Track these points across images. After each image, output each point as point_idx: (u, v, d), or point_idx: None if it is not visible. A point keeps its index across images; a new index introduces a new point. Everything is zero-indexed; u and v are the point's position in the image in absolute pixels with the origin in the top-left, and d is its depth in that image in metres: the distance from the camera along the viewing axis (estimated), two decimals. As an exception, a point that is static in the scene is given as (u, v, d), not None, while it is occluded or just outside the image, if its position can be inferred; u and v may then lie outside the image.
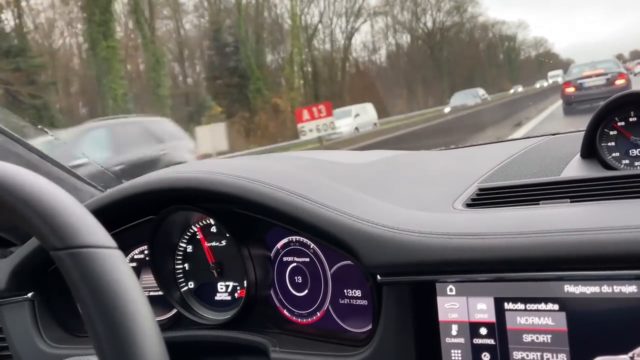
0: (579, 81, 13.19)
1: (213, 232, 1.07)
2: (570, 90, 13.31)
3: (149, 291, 1.14)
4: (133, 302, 0.51)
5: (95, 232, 0.53)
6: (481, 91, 29.32)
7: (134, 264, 1.15)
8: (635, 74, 30.48)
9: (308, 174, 1.02)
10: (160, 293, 1.08)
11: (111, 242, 0.54)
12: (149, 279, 1.13)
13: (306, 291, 0.99)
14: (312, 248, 0.98)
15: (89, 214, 0.55)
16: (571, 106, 13.00)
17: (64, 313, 1.16)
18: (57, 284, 1.15)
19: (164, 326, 1.10)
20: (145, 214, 1.08)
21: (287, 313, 1.02)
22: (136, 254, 1.15)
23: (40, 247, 1.10)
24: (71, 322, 1.16)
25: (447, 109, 24.25)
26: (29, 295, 1.12)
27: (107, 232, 0.54)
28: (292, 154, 1.28)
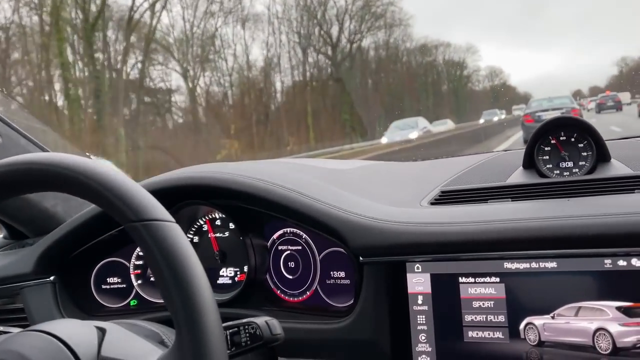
0: (537, 114, 14.65)
1: (217, 224, 1.26)
2: (530, 122, 14.64)
3: None
4: (193, 262, 0.68)
5: (160, 209, 0.70)
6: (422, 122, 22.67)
7: None
8: (588, 110, 31.86)
9: (301, 175, 1.22)
10: None
11: (171, 217, 0.70)
12: None
13: (298, 274, 1.18)
14: (304, 238, 1.17)
15: (152, 195, 0.72)
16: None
17: (81, 295, 1.31)
18: (75, 269, 1.31)
19: None
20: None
21: (280, 293, 1.20)
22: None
23: (63, 236, 1.27)
24: (87, 303, 1.32)
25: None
26: (51, 278, 1.28)
27: (166, 210, 0.71)
28: (288, 160, 1.49)
